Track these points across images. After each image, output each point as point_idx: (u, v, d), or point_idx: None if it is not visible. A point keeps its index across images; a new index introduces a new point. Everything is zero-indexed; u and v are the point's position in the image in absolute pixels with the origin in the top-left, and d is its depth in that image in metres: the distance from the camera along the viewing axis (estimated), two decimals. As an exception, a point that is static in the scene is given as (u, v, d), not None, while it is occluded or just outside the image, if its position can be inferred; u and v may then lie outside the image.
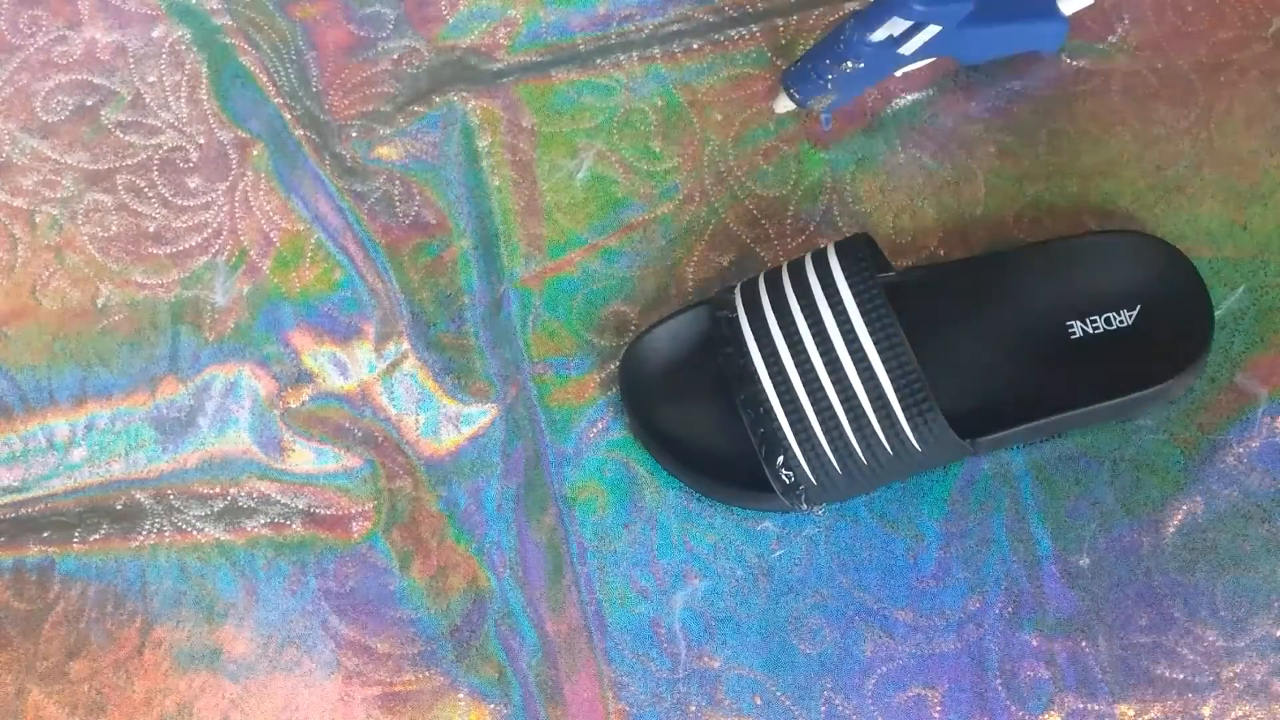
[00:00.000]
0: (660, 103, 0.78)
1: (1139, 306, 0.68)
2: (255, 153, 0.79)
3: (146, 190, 0.78)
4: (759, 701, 0.68)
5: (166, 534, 0.73)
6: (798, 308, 0.66)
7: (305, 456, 0.74)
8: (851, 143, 0.77)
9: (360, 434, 0.74)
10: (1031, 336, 0.69)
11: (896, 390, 0.64)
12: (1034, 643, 0.68)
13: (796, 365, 0.65)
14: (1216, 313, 0.70)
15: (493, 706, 0.70)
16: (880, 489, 0.69)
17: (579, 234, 0.76)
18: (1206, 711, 0.67)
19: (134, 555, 0.73)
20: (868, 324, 0.64)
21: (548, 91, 0.79)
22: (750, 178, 0.76)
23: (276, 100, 0.79)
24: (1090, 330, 0.68)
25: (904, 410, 0.64)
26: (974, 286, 0.70)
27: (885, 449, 0.65)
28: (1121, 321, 0.68)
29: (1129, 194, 0.74)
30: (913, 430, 0.64)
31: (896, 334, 0.64)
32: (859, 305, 0.65)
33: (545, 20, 0.80)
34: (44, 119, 0.80)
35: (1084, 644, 0.68)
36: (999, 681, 0.68)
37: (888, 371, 0.64)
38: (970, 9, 0.69)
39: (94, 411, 0.75)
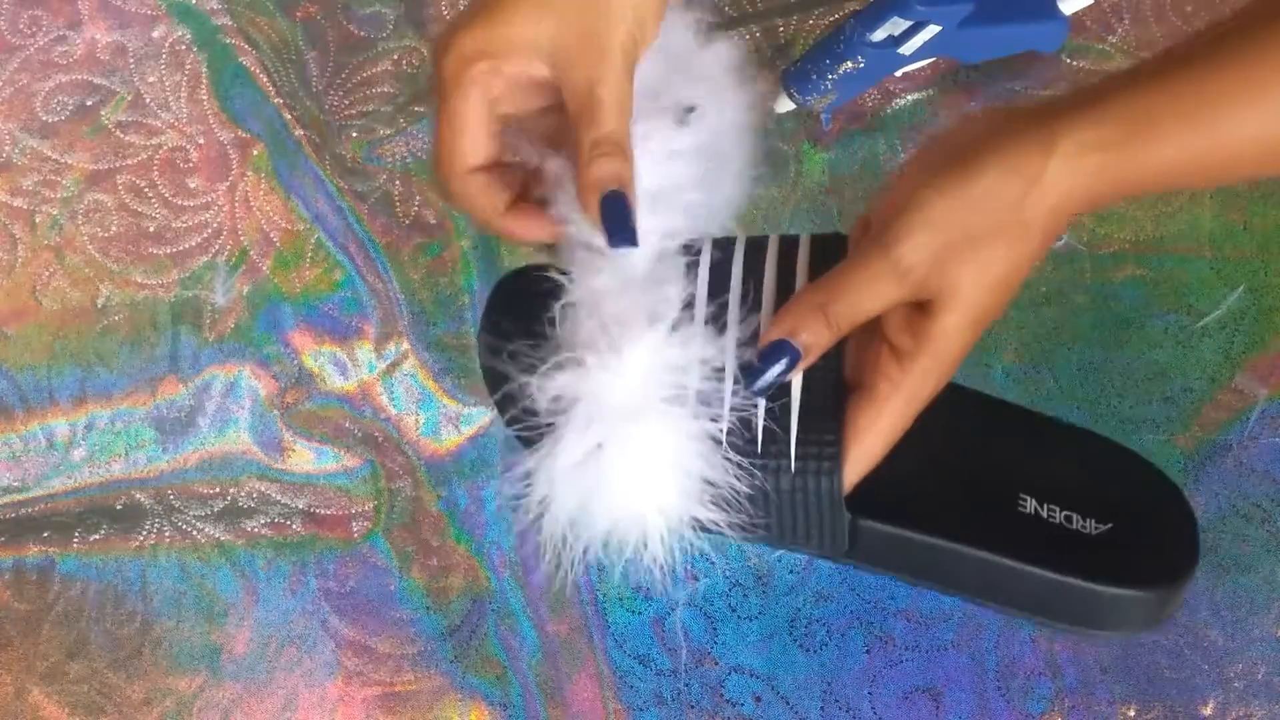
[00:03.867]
0: (660, 103, 0.78)
1: (1111, 525, 0.54)
2: (255, 153, 0.79)
3: (146, 190, 0.78)
4: (759, 701, 0.68)
5: (166, 534, 0.73)
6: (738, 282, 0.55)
7: (305, 456, 0.74)
8: (851, 143, 0.77)
9: (360, 434, 0.74)
10: (978, 476, 0.56)
11: (803, 409, 0.52)
12: (1034, 643, 0.68)
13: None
14: (1216, 313, 0.70)
15: (493, 706, 0.70)
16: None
17: (579, 234, 0.76)
18: (1207, 711, 0.67)
19: (134, 555, 0.73)
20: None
21: (548, 91, 0.79)
22: (751, 177, 0.76)
23: (276, 100, 0.79)
24: (1045, 515, 0.55)
25: (800, 429, 0.51)
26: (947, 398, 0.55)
27: (746, 446, 0.51)
28: (1084, 527, 0.55)
29: (1129, 194, 0.74)
30: (798, 452, 0.51)
31: (835, 364, 0.52)
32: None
33: (545, 20, 0.80)
34: (44, 119, 0.80)
35: (1084, 644, 0.68)
36: (999, 681, 0.68)
37: (804, 388, 0.52)
38: (970, 9, 0.69)
39: (94, 411, 0.75)
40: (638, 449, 0.51)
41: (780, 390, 0.51)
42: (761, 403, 0.52)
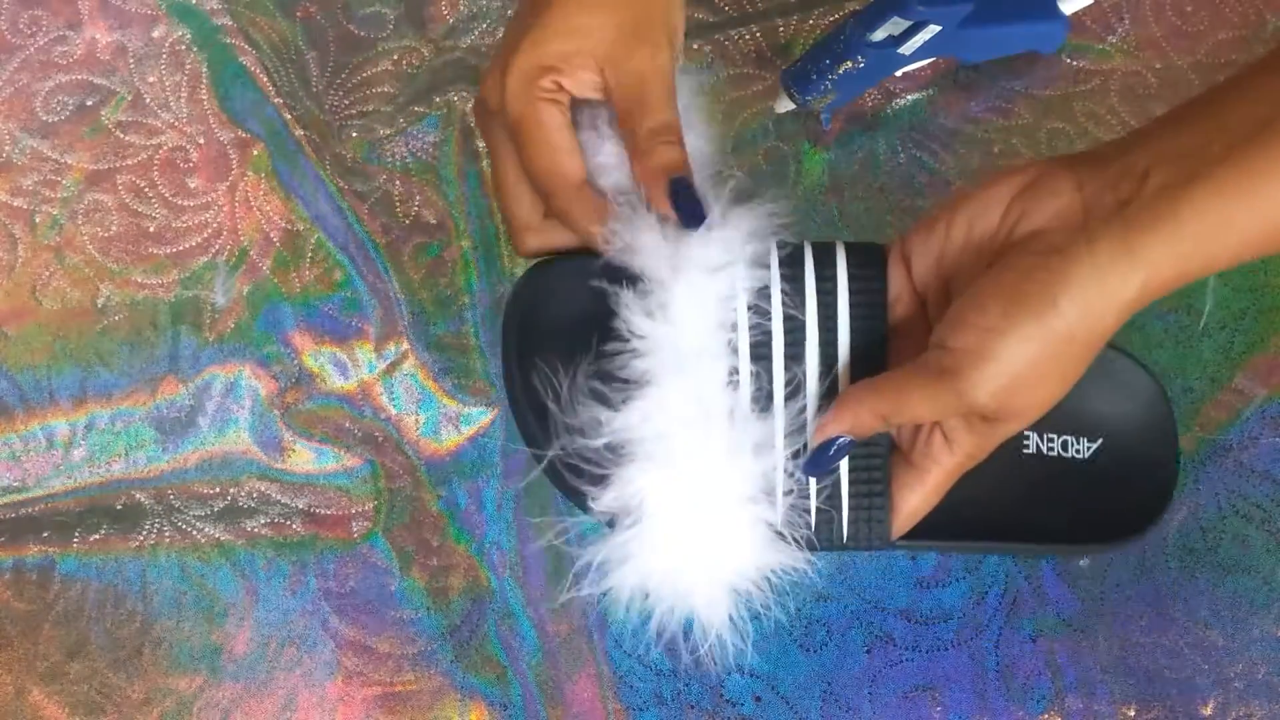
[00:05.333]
0: (660, 103, 0.78)
1: (1100, 440, 0.61)
2: (255, 153, 0.79)
3: (146, 190, 0.78)
4: (759, 701, 0.68)
5: (166, 534, 0.73)
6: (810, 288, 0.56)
7: (305, 456, 0.74)
8: (851, 143, 0.77)
9: (360, 434, 0.74)
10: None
11: (852, 489, 0.55)
12: (1034, 643, 0.68)
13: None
14: (1207, 307, 0.70)
15: (493, 706, 0.70)
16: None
17: (579, 234, 0.76)
18: (1207, 711, 0.67)
19: (134, 555, 0.73)
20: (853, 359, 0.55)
21: (548, 91, 0.79)
22: (750, 178, 0.76)
23: (276, 100, 0.79)
24: (1044, 450, 0.61)
25: (851, 509, 0.56)
26: None
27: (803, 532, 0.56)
28: (1078, 452, 0.61)
29: (1129, 194, 0.74)
30: (849, 532, 0.56)
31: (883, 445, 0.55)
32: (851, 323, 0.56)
33: (545, 20, 0.80)
34: (44, 119, 0.80)
35: (1084, 644, 0.68)
36: (999, 681, 0.68)
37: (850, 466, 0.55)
38: (970, 9, 0.69)
39: (94, 411, 0.75)
40: (707, 544, 0.53)
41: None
42: (813, 485, 0.54)
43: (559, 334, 0.57)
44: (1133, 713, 0.67)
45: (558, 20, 0.52)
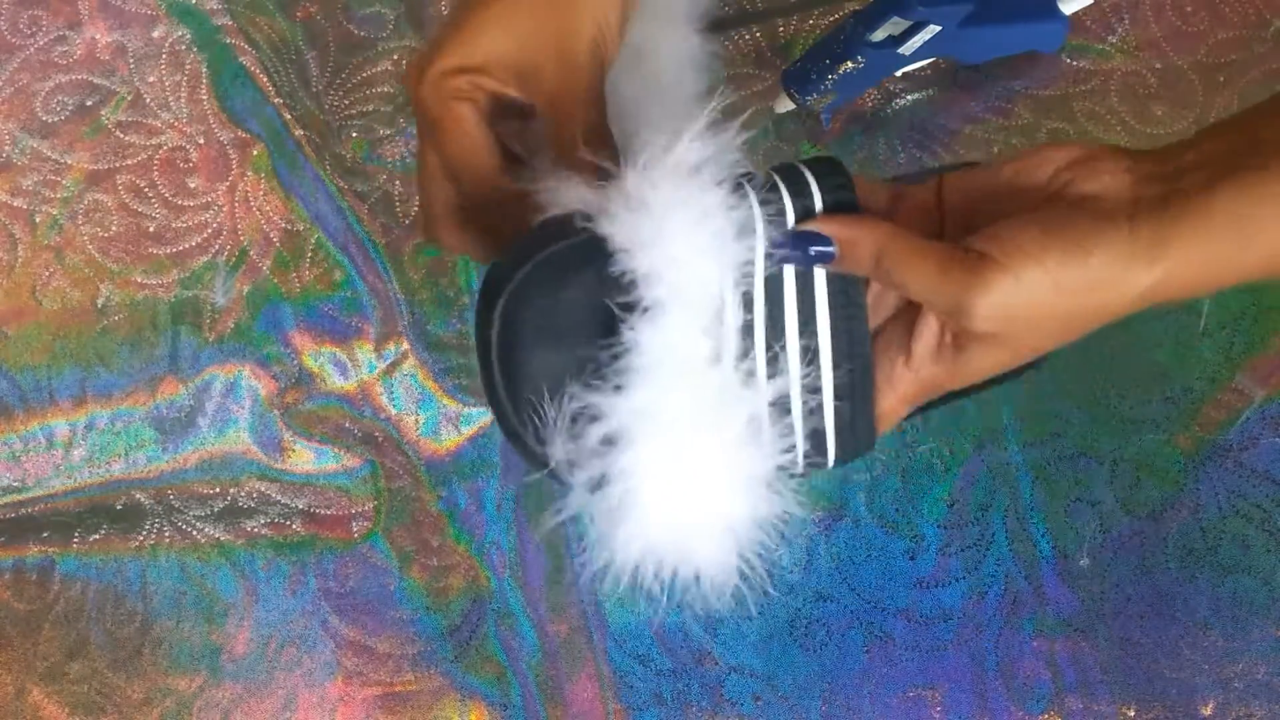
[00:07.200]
0: (660, 103, 0.78)
1: None
2: (255, 153, 0.79)
3: (146, 190, 0.78)
4: (759, 701, 0.68)
5: (166, 534, 0.73)
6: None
7: (305, 456, 0.74)
8: (851, 143, 0.77)
9: (360, 434, 0.74)
10: None
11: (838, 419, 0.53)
12: (1034, 643, 0.68)
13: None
14: (1206, 307, 0.70)
15: (493, 706, 0.70)
16: (879, 489, 0.68)
17: (579, 234, 0.76)
18: (1207, 711, 0.67)
19: (134, 555, 0.73)
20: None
21: (548, 91, 0.79)
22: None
23: (276, 100, 0.79)
24: None
25: (838, 440, 0.53)
26: None
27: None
28: None
29: (1129, 194, 0.74)
30: (836, 454, 0.54)
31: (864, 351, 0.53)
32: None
33: (545, 20, 0.80)
34: (44, 119, 0.80)
35: (1084, 644, 0.68)
36: (999, 681, 0.68)
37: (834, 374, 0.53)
38: (970, 9, 0.69)
39: (94, 411, 0.75)
40: (702, 497, 0.52)
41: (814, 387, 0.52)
42: (798, 412, 0.53)
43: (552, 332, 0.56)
44: (1133, 713, 0.67)
45: (474, 31, 0.53)
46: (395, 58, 0.80)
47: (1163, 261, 0.47)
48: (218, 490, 0.73)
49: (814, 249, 0.52)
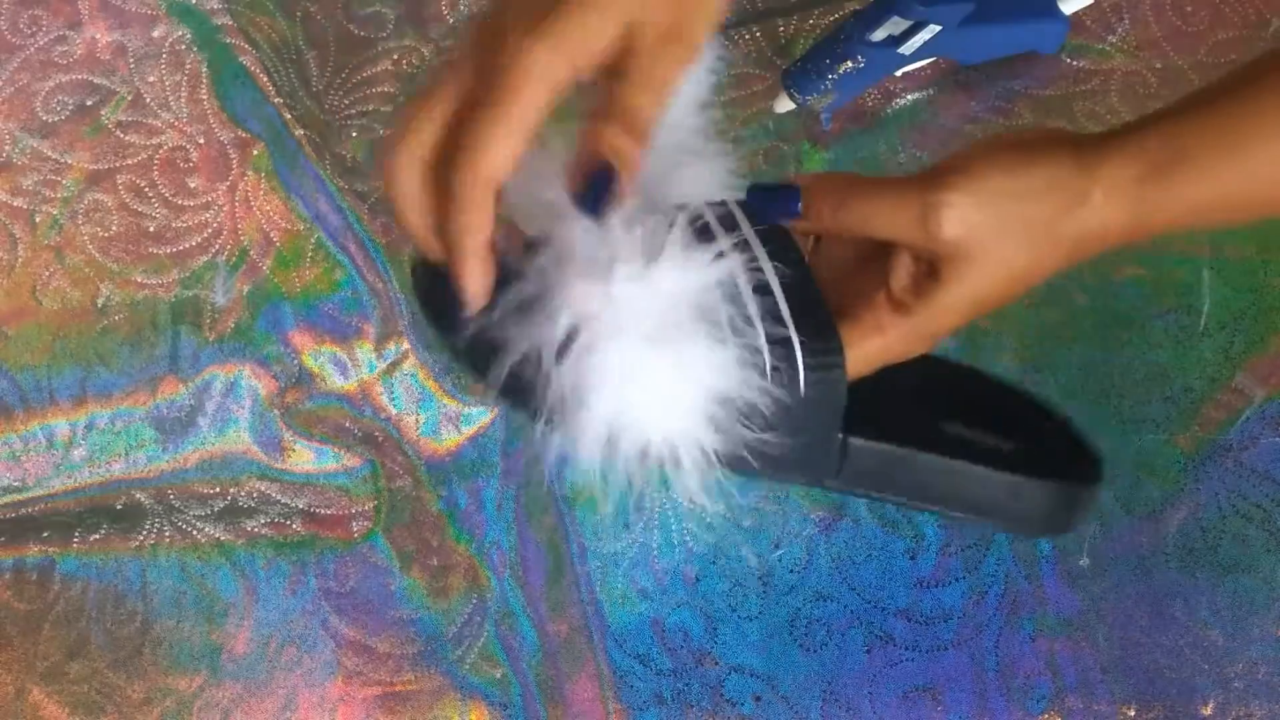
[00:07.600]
0: (660, 103, 0.78)
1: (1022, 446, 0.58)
2: (255, 153, 0.79)
3: (147, 190, 0.78)
4: (759, 701, 0.68)
5: (166, 534, 0.73)
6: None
7: (305, 456, 0.74)
8: (851, 143, 0.77)
9: (360, 434, 0.74)
10: (931, 395, 0.59)
11: (798, 320, 0.51)
12: (1034, 643, 0.68)
13: None
14: (1205, 306, 0.70)
15: (493, 706, 0.70)
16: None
17: (579, 234, 0.76)
18: (1207, 711, 0.67)
19: (134, 555, 0.73)
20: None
21: (548, 91, 0.79)
22: (750, 178, 0.76)
23: (276, 100, 0.79)
24: (969, 437, 0.59)
25: (801, 336, 0.51)
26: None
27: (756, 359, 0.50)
28: (1001, 446, 0.58)
29: (1129, 194, 0.74)
30: (806, 361, 0.51)
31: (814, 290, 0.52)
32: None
33: (545, 20, 0.80)
34: (44, 119, 0.80)
35: (1084, 644, 0.68)
36: (999, 681, 0.68)
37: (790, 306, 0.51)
38: (970, 9, 0.69)
39: (94, 411, 0.75)
40: (663, 370, 0.50)
41: (775, 314, 0.52)
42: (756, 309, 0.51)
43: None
44: (1133, 713, 0.67)
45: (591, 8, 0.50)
46: (395, 58, 0.80)
47: (1106, 166, 0.48)
48: (218, 490, 0.73)
49: (772, 202, 0.53)
